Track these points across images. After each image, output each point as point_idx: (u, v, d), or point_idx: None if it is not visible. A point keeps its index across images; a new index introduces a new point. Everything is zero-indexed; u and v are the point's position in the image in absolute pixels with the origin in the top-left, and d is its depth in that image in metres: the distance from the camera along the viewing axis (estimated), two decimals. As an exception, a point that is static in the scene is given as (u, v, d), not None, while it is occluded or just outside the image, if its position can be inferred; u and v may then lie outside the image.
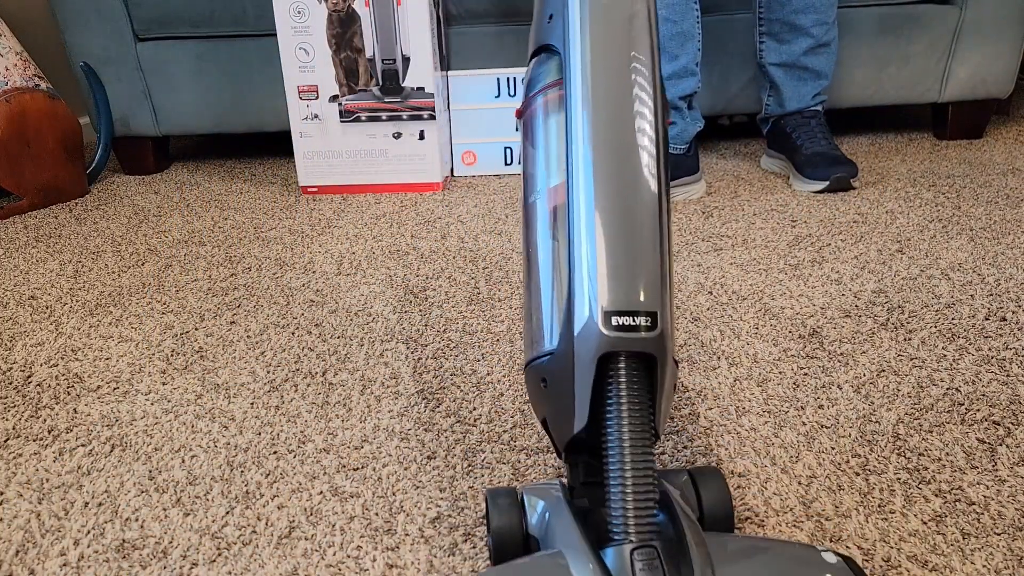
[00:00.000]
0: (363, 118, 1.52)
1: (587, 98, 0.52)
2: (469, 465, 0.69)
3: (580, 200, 0.51)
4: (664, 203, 0.51)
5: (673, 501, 0.50)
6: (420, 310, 1.01)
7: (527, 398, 0.79)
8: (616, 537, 0.46)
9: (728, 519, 0.54)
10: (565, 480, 0.56)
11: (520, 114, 0.61)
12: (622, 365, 0.49)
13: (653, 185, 0.51)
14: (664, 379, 0.51)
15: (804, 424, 0.73)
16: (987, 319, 0.91)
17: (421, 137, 1.52)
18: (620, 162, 0.51)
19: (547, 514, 0.53)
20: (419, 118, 1.51)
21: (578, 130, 0.52)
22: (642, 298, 0.49)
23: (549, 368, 0.53)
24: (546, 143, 0.57)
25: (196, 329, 0.99)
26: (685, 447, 0.70)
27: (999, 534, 0.58)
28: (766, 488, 0.64)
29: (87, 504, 0.67)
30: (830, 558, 0.48)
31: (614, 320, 0.49)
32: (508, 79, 1.60)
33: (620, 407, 0.48)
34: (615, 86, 0.52)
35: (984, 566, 0.55)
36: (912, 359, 0.83)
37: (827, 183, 1.38)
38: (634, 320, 0.49)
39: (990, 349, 0.85)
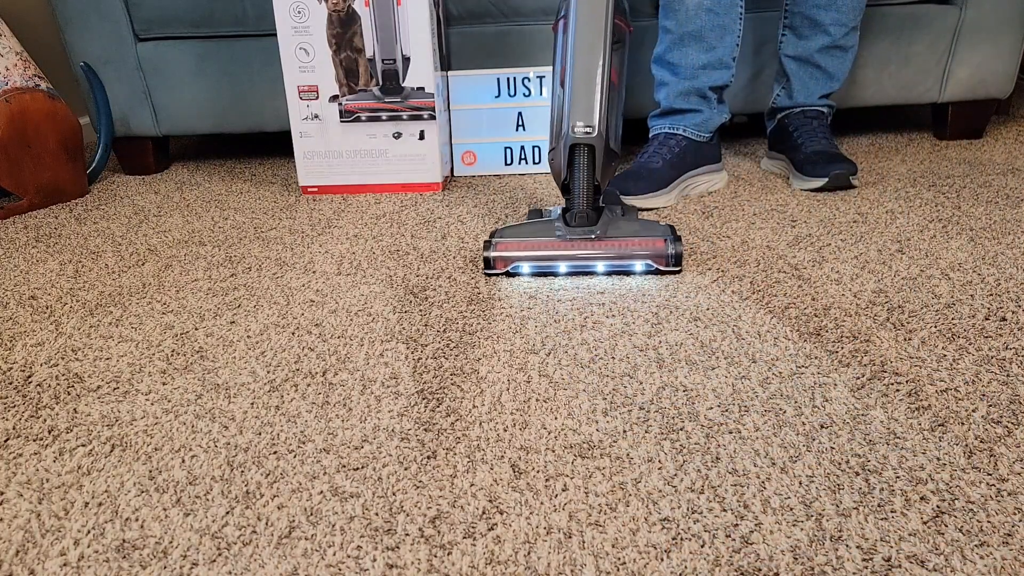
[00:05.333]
0: (363, 118, 1.52)
1: (575, 23, 1.09)
2: (470, 463, 0.69)
3: (569, 73, 1.08)
4: (607, 75, 1.08)
5: (607, 207, 1.16)
6: (420, 310, 1.01)
7: (527, 396, 0.79)
8: (572, 208, 1.10)
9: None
10: (562, 206, 1.19)
11: (555, 27, 1.20)
12: (580, 149, 1.08)
13: (600, 66, 1.07)
14: (600, 156, 1.08)
15: (804, 424, 0.73)
16: (987, 319, 0.91)
17: (421, 137, 1.52)
18: (585, 57, 1.08)
19: (551, 213, 1.23)
20: (419, 118, 1.51)
21: (570, 39, 1.09)
22: (589, 119, 1.06)
23: (556, 152, 1.11)
24: (562, 42, 1.15)
25: (196, 329, 0.99)
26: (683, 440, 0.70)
27: (999, 534, 0.58)
28: (766, 487, 0.64)
29: (87, 504, 0.67)
30: (661, 223, 1.11)
31: (576, 129, 1.06)
32: (508, 79, 1.60)
33: (580, 167, 1.09)
34: (589, 19, 1.08)
35: (984, 566, 0.55)
36: (912, 359, 0.83)
37: (826, 180, 1.39)
38: (584, 129, 1.06)
39: (990, 349, 0.85)
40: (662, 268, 1.08)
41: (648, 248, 1.07)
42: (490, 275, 1.10)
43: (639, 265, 1.08)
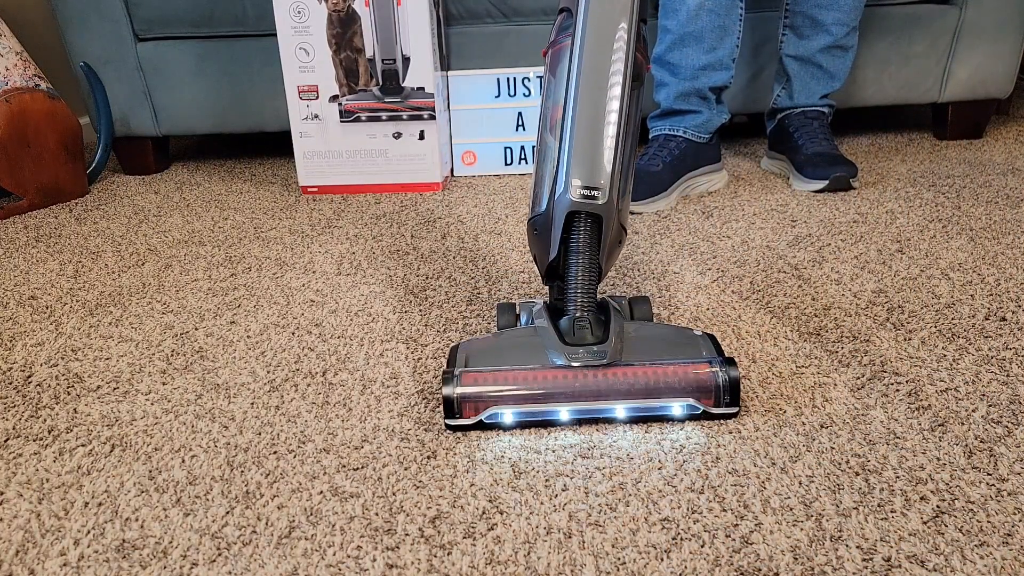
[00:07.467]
0: (363, 118, 1.52)
1: (581, 51, 0.75)
2: (470, 463, 0.69)
3: (569, 116, 0.75)
4: (624, 122, 0.75)
5: (609, 303, 0.81)
6: (420, 310, 1.01)
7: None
8: (567, 312, 0.76)
9: (647, 319, 0.85)
10: (546, 300, 0.87)
11: (546, 53, 0.84)
12: (580, 219, 0.75)
13: (615, 108, 0.75)
14: (608, 233, 0.76)
15: (804, 424, 0.73)
16: (987, 319, 0.91)
17: (421, 137, 1.52)
18: (594, 95, 0.75)
19: (531, 314, 0.84)
20: (419, 118, 1.51)
21: (574, 71, 0.76)
22: (595, 179, 0.74)
23: (540, 221, 0.79)
24: (559, 74, 0.79)
25: (196, 329, 0.99)
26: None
27: (999, 534, 0.58)
28: (766, 487, 0.64)
29: (87, 504, 0.67)
30: (696, 332, 0.79)
31: (576, 191, 0.74)
32: (508, 79, 1.60)
33: (580, 246, 0.76)
34: (600, 46, 0.75)
35: (984, 566, 0.55)
36: (912, 359, 0.83)
37: (826, 182, 1.39)
38: (589, 192, 0.74)
39: (990, 349, 0.85)
40: (711, 410, 0.73)
41: (687, 379, 0.73)
42: (454, 428, 0.75)
43: (677, 407, 0.74)
